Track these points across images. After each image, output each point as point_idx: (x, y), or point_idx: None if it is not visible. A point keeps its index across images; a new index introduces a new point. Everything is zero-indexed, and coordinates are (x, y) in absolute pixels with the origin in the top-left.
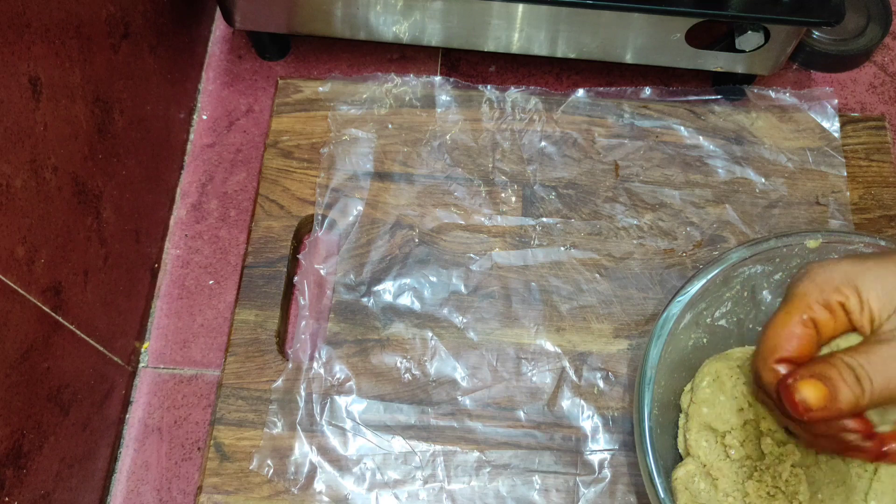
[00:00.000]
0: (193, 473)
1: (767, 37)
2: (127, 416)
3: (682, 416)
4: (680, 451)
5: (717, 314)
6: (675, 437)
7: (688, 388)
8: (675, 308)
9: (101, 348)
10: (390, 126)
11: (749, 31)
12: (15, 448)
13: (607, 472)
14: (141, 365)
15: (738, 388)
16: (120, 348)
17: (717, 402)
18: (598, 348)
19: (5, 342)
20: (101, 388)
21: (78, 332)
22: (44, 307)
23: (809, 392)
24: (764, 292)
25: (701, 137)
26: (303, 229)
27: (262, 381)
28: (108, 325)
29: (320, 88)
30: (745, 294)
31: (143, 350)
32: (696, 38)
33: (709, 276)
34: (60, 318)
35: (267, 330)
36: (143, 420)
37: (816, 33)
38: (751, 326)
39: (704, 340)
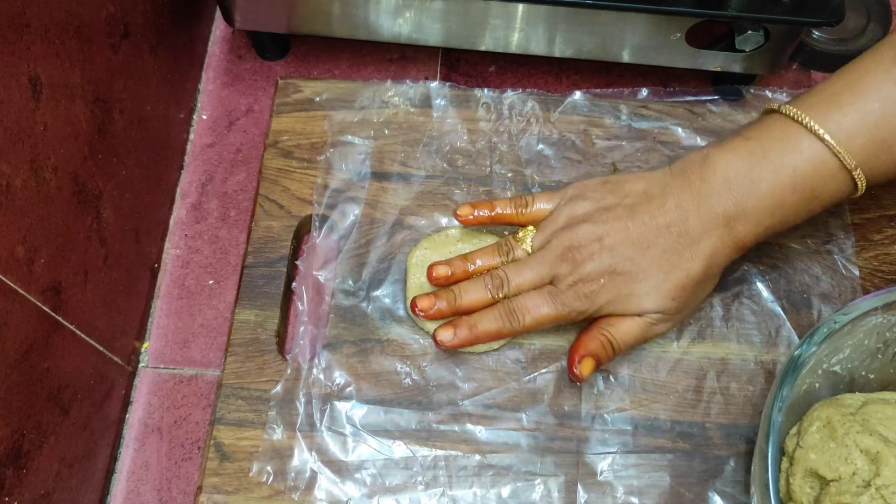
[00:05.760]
0: (193, 473)
1: (767, 37)
2: (127, 416)
3: (784, 459)
4: (781, 495)
5: (833, 360)
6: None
7: (793, 432)
8: (807, 351)
9: (101, 348)
10: (387, 132)
11: (749, 31)
12: (15, 448)
13: (609, 475)
14: (141, 365)
15: (850, 437)
16: (120, 348)
17: (826, 448)
18: None
19: (5, 342)
20: (101, 388)
21: (78, 332)
22: (44, 307)
23: (585, 369)
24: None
25: (699, 138)
26: (303, 229)
27: (262, 380)
28: (108, 325)
29: (316, 99)
30: (866, 342)
31: (143, 350)
32: (696, 38)
33: (836, 327)
34: (60, 318)
35: (267, 330)
36: (143, 420)
37: (816, 33)
38: (863, 373)
39: (817, 385)
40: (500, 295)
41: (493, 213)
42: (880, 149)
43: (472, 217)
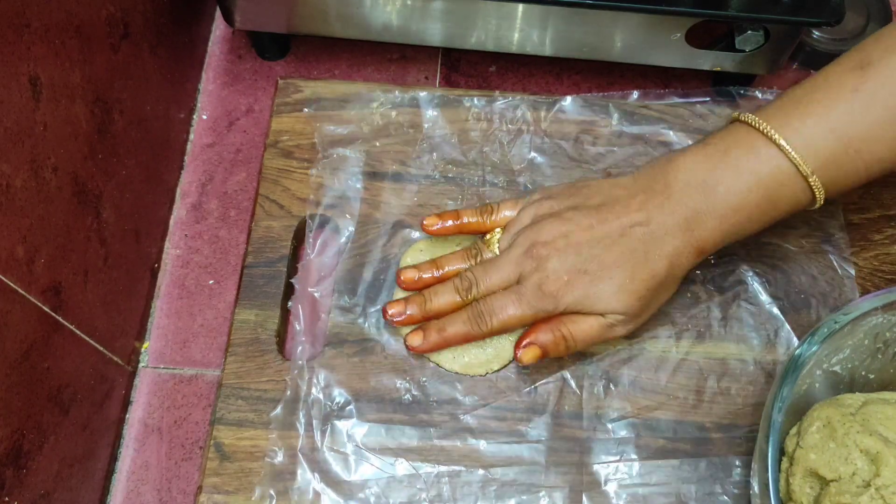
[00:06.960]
0: (193, 473)
1: (767, 37)
2: (127, 416)
3: (784, 459)
4: (781, 495)
5: (833, 360)
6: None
7: (793, 432)
8: (808, 351)
9: (101, 348)
10: (377, 144)
11: (749, 31)
12: (15, 448)
13: (613, 484)
14: (141, 365)
15: (850, 437)
16: (120, 348)
17: (826, 448)
18: (597, 355)
19: (5, 342)
20: (101, 388)
21: (78, 332)
22: (44, 307)
23: (527, 356)
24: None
25: (691, 141)
26: (303, 229)
27: (262, 380)
28: (108, 325)
29: (305, 110)
30: (866, 342)
31: (143, 350)
32: (695, 38)
33: (837, 327)
34: (60, 318)
35: (267, 330)
36: (143, 420)
37: (816, 33)
38: (863, 373)
39: (816, 385)
40: (470, 297)
41: (458, 223)
42: (839, 156)
43: (437, 227)
